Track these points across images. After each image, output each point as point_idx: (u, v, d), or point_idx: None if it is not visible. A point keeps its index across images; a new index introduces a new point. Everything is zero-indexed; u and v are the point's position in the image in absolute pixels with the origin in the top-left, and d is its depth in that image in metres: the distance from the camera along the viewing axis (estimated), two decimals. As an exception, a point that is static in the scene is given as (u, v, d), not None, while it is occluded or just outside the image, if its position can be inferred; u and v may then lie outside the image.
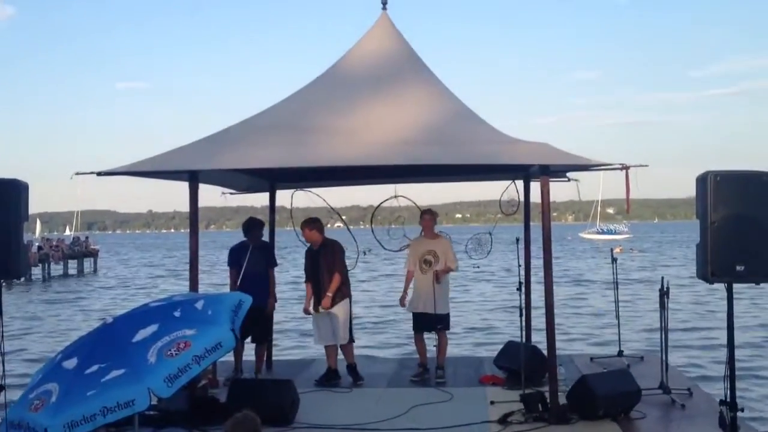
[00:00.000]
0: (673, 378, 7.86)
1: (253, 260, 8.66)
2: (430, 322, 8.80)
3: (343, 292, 8.57)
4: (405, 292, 8.98)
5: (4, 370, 5.25)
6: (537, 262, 8.31)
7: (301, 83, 8.48)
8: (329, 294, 8.43)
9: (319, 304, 8.57)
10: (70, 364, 5.25)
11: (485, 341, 16.19)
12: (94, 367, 5.09)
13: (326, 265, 8.53)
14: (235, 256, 8.87)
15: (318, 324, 8.69)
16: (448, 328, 9.02)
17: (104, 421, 4.88)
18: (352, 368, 8.68)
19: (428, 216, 8.96)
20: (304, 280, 8.88)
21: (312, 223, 8.67)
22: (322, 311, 8.52)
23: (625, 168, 6.61)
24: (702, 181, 5.26)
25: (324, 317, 8.59)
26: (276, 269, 9.14)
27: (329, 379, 8.56)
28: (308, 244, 8.76)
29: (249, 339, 8.72)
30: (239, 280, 8.55)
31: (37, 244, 43.47)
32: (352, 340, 8.75)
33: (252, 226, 8.95)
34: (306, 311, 8.77)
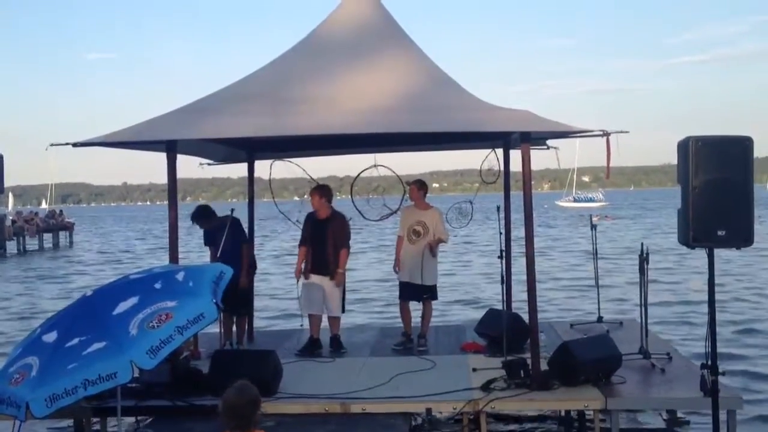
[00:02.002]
0: (652, 343, 7.94)
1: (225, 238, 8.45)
2: (417, 291, 8.82)
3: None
4: (397, 257, 8.96)
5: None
6: (517, 232, 8.33)
7: (278, 51, 8.38)
8: (340, 271, 8.48)
9: (315, 274, 8.54)
10: (50, 337, 5.19)
11: (466, 309, 16.25)
12: (75, 340, 5.04)
13: (333, 238, 8.51)
14: (210, 235, 8.79)
15: (309, 292, 8.63)
16: (435, 299, 9.03)
17: (86, 394, 4.86)
18: (335, 339, 8.67)
19: (414, 186, 8.92)
20: (299, 243, 8.83)
21: (323, 190, 8.63)
22: (318, 281, 8.51)
23: (606, 134, 6.61)
24: (683, 146, 5.26)
25: (317, 286, 8.56)
26: (258, 242, 9.07)
27: (311, 349, 8.55)
28: (302, 212, 8.73)
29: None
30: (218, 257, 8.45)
31: (10, 218, 42.97)
32: (343, 310, 8.73)
33: (197, 216, 8.73)
34: (298, 275, 8.71)
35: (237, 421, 3.86)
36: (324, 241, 8.52)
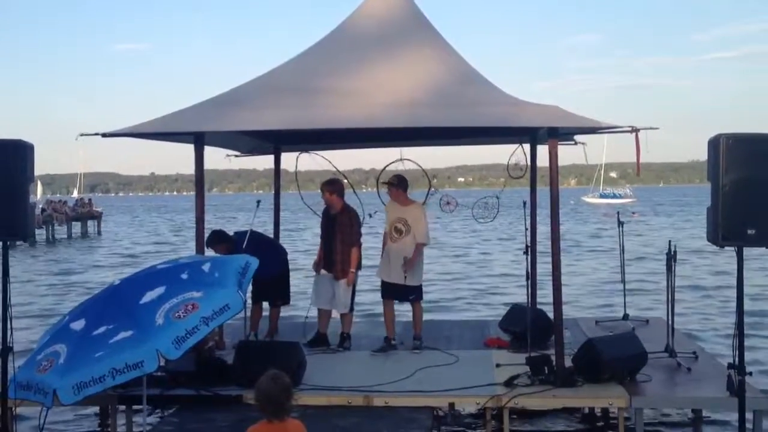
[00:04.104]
0: (678, 341, 7.87)
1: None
2: (400, 292, 8.50)
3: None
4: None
5: (12, 332, 5.25)
6: (542, 228, 8.24)
7: (306, 44, 8.40)
8: (352, 270, 8.32)
9: (325, 269, 8.51)
10: (78, 325, 5.26)
11: (490, 304, 16.22)
12: (102, 329, 5.11)
13: (341, 235, 8.36)
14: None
15: (318, 287, 8.62)
16: (421, 298, 8.66)
17: (113, 383, 4.92)
18: (345, 337, 8.55)
19: (391, 187, 8.54)
20: (320, 235, 8.77)
21: (332, 185, 8.49)
22: (328, 276, 8.48)
23: (635, 130, 6.55)
24: (714, 143, 5.19)
25: (326, 282, 8.52)
26: (286, 236, 9.06)
27: (318, 344, 8.46)
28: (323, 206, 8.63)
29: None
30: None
31: (40, 206, 43.41)
32: (351, 309, 8.62)
33: (211, 242, 8.42)
34: (315, 268, 8.70)
35: (272, 407, 3.95)
36: (333, 238, 8.41)
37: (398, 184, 8.55)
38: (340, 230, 8.39)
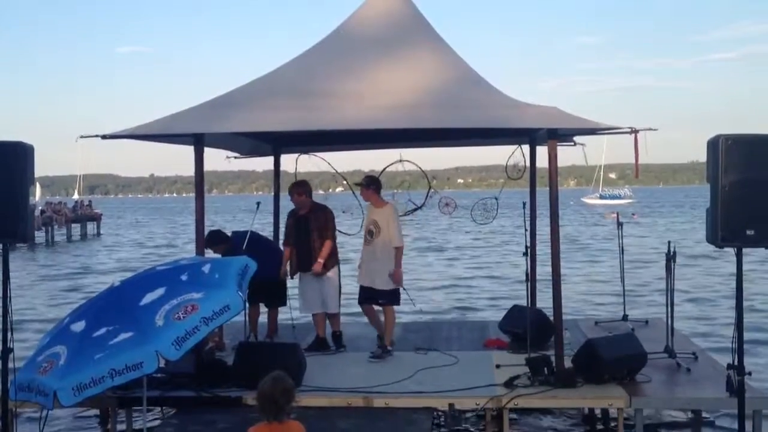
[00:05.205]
0: (678, 342, 7.87)
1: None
2: (374, 296, 8.23)
3: (333, 259, 8.42)
4: None
5: (12, 334, 5.25)
6: (542, 229, 8.25)
7: (306, 45, 8.41)
8: (320, 260, 8.21)
9: (303, 271, 8.43)
10: (78, 326, 5.27)
11: (490, 305, 16.23)
12: (102, 330, 5.11)
13: (317, 231, 8.31)
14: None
15: (305, 291, 8.50)
16: (396, 303, 8.24)
17: (113, 384, 4.92)
18: (337, 336, 8.56)
19: (362, 188, 8.28)
20: (283, 243, 8.66)
21: (301, 186, 8.44)
22: (311, 278, 8.40)
23: (634, 132, 6.56)
24: (713, 144, 5.20)
25: (312, 284, 8.42)
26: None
27: (318, 348, 8.43)
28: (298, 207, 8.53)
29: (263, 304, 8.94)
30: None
31: (40, 207, 43.38)
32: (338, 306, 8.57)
33: (209, 242, 8.30)
34: (284, 275, 8.58)
35: (271, 408, 3.97)
36: (308, 238, 8.33)
37: (368, 184, 8.30)
38: (315, 227, 8.33)
